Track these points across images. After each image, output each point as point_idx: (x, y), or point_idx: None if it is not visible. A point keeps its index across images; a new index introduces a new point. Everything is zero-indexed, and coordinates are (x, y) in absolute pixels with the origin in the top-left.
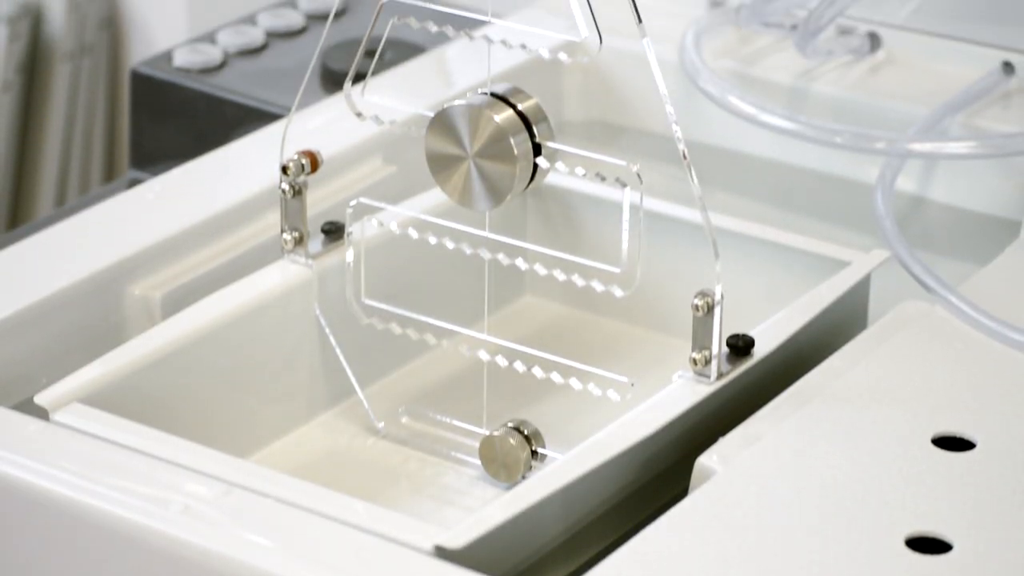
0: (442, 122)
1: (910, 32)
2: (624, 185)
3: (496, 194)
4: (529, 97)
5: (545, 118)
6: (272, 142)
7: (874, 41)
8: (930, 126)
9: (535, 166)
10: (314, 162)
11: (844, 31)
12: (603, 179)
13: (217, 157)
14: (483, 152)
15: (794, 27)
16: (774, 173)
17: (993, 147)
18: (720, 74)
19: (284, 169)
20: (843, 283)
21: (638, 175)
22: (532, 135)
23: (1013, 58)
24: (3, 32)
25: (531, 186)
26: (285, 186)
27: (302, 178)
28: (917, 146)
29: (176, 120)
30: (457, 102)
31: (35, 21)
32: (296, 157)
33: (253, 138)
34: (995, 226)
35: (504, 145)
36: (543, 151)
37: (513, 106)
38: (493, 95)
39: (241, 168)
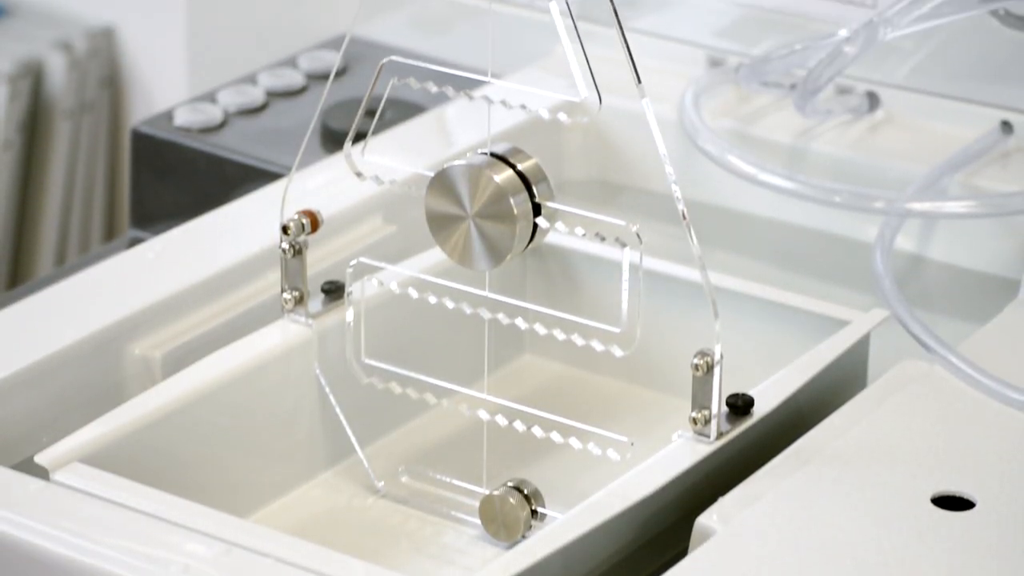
0: (442, 182)
1: (909, 91)
2: (624, 245)
3: (496, 254)
4: (529, 157)
5: (545, 178)
6: (272, 201)
7: (873, 100)
8: (929, 185)
9: (535, 226)
10: (314, 222)
11: (843, 90)
12: (603, 239)
13: (217, 216)
14: (483, 212)
15: (793, 86)
16: (774, 232)
17: (992, 206)
18: (720, 133)
19: (284, 229)
20: (842, 342)
21: (637, 235)
22: (532, 195)
23: (1011, 117)
24: (4, 91)
25: (531, 246)
26: (285, 246)
27: (302, 238)
28: (916, 205)
29: (177, 179)
30: (457, 162)
31: (36, 79)
32: (296, 217)
33: (253, 197)
34: (994, 285)
35: (504, 205)
36: (543, 211)
37: (513, 166)
38: (493, 155)
39: (241, 227)
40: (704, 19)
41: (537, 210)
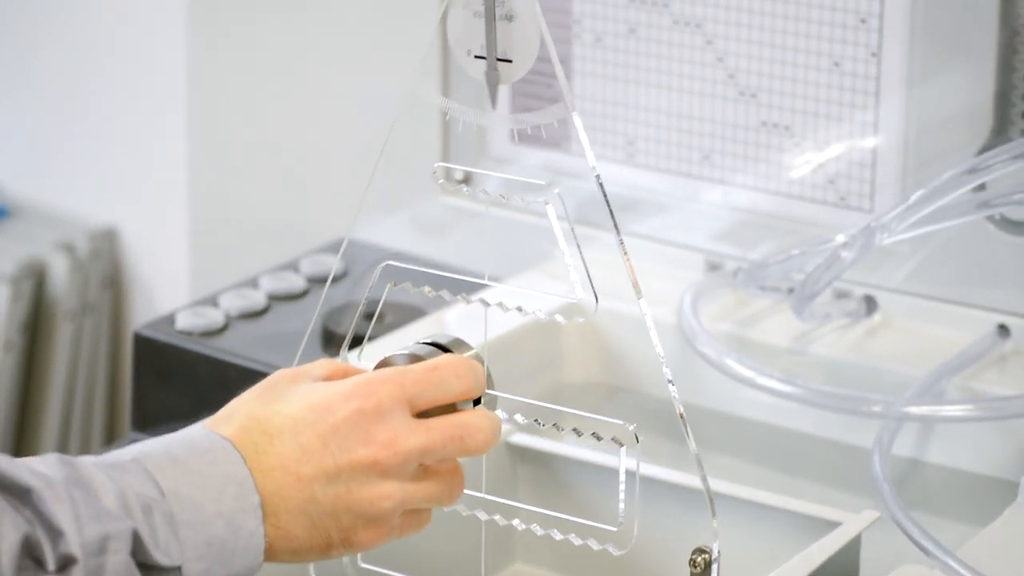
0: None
1: (906, 295)
2: (620, 444)
3: None
4: (470, 348)
5: (486, 367)
6: None
7: (870, 304)
8: (927, 388)
9: None
10: None
11: (840, 294)
12: (599, 439)
13: None
14: None
15: (791, 291)
16: (773, 436)
17: (990, 410)
18: (718, 337)
19: None
20: (833, 544)
21: (635, 435)
22: None
23: (1008, 321)
24: (6, 292)
25: None
26: None
27: None
28: (914, 409)
29: (178, 382)
30: (400, 351)
31: (38, 280)
32: None
33: None
34: (993, 487)
35: None
36: (482, 398)
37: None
38: (436, 345)
39: None
40: (702, 223)
41: (477, 400)
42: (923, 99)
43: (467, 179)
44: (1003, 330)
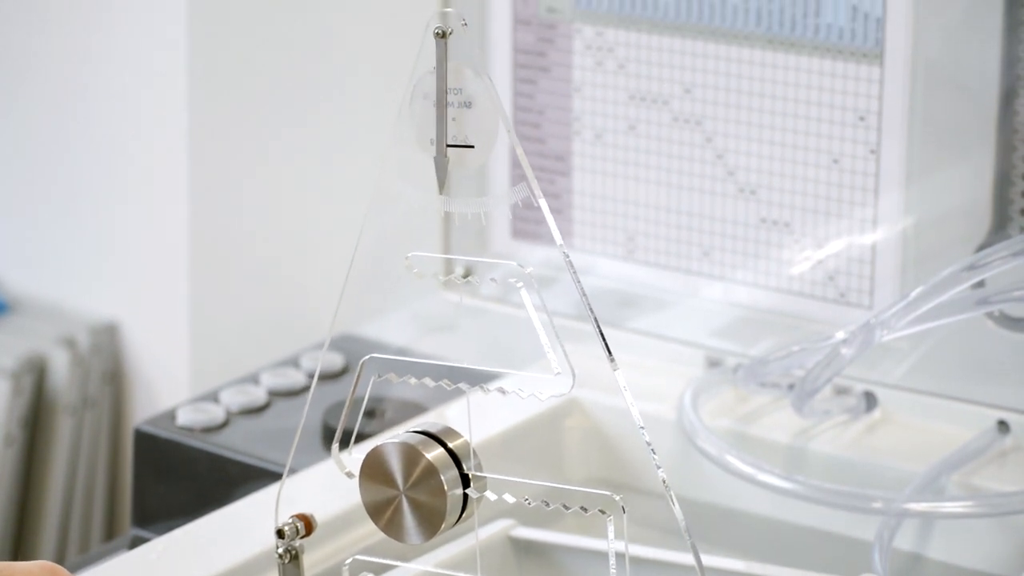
0: (375, 459)
1: (905, 391)
2: (608, 515)
3: (428, 527)
4: (459, 436)
5: (475, 456)
6: (272, 502)
7: (870, 400)
8: (926, 485)
9: (465, 497)
10: (308, 525)
11: (840, 391)
12: (585, 511)
13: (219, 517)
14: (415, 487)
15: (791, 387)
16: (773, 532)
17: (990, 506)
18: (718, 433)
19: (280, 533)
20: None
21: (623, 507)
22: (461, 468)
23: (1008, 417)
24: (7, 386)
25: (464, 517)
26: (281, 550)
27: (297, 542)
28: (914, 506)
29: (179, 478)
30: (391, 440)
31: (39, 375)
32: (291, 521)
33: (254, 498)
34: None
35: (435, 481)
36: (473, 482)
37: (444, 444)
38: (426, 434)
39: (243, 529)
40: (702, 320)
41: (467, 482)
42: (922, 196)
43: (468, 273)
44: (1003, 426)
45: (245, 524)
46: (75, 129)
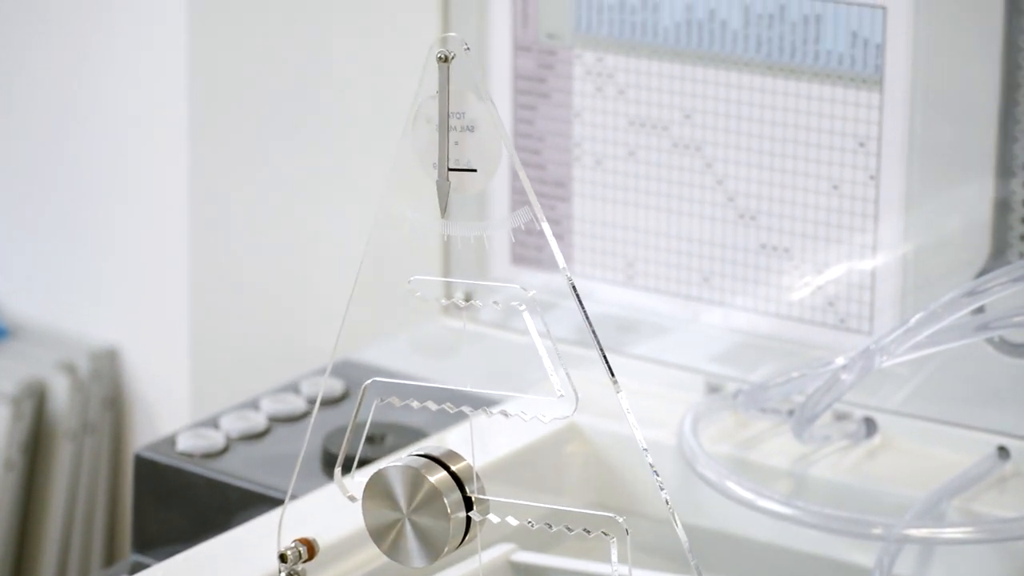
0: (378, 483)
1: (905, 417)
2: (611, 537)
3: (431, 550)
4: (462, 459)
5: (477, 479)
6: (274, 527)
7: (870, 426)
8: (927, 510)
9: (468, 520)
10: (311, 549)
11: (840, 416)
12: (588, 533)
13: (219, 543)
14: (418, 510)
15: (791, 412)
16: (773, 557)
17: (990, 532)
18: (718, 459)
19: (282, 557)
20: None
21: (626, 529)
22: (463, 491)
23: (1008, 443)
24: (7, 412)
25: (466, 541)
26: (283, 575)
27: (300, 566)
28: (914, 531)
29: (179, 504)
30: (394, 463)
31: (39, 400)
32: (293, 545)
33: (255, 524)
34: None
35: (438, 504)
36: (476, 505)
37: (447, 467)
38: (429, 457)
39: (243, 554)
40: (702, 345)
41: (469, 505)
42: (922, 222)
43: (469, 297)
44: (1003, 452)
45: (246, 549)
46: (74, 154)
